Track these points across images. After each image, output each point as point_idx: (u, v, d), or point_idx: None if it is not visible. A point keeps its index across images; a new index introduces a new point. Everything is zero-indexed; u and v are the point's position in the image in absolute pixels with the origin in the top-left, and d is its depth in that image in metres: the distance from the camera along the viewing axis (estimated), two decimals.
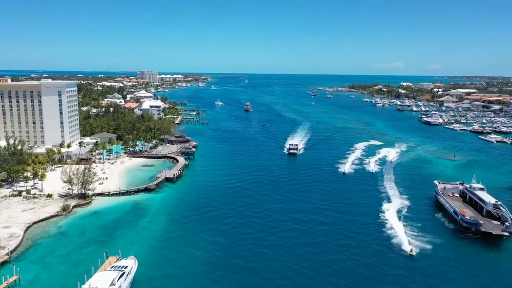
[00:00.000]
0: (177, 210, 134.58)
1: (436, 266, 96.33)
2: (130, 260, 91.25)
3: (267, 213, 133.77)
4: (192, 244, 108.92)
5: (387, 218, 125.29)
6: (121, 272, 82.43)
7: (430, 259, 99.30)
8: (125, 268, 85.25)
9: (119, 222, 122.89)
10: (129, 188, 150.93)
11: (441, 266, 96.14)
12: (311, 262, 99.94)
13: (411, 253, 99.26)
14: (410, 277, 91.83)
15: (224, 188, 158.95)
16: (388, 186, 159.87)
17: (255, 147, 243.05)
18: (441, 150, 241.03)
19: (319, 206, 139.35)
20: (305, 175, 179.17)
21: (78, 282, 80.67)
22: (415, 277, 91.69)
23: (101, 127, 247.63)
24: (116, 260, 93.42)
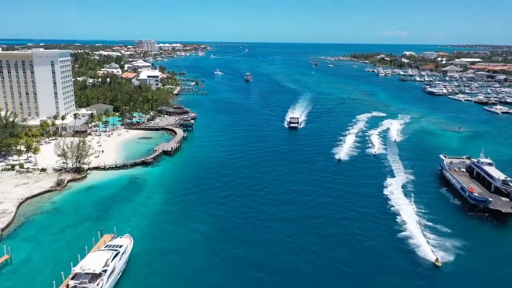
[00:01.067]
0: (175, 184, 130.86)
1: (443, 245, 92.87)
2: (125, 239, 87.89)
3: (267, 186, 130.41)
4: (190, 220, 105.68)
5: (390, 193, 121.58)
6: (116, 252, 79.11)
7: (436, 238, 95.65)
8: (119, 247, 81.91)
9: (115, 197, 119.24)
10: (126, 161, 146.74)
11: (448, 245, 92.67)
12: (313, 236, 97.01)
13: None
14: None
15: (223, 161, 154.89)
16: (392, 160, 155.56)
17: (255, 119, 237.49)
18: (446, 121, 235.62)
19: (320, 179, 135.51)
20: (306, 148, 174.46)
21: (71, 262, 77.34)
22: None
23: (97, 98, 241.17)
24: (111, 239, 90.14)
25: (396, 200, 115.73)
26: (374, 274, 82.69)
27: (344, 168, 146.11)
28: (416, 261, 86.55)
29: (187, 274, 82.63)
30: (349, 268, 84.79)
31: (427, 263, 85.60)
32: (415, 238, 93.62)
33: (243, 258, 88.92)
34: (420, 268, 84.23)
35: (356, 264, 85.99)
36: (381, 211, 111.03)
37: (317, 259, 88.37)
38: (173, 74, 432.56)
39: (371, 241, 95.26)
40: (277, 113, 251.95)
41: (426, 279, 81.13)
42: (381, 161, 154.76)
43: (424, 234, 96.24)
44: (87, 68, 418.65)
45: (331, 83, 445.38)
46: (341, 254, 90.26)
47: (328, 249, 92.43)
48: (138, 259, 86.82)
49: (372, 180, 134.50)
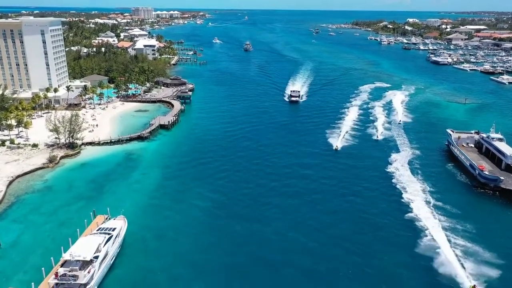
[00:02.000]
0: (172, 160, 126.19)
1: (453, 227, 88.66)
2: (119, 221, 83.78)
3: (268, 160, 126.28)
4: (187, 199, 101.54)
5: (396, 169, 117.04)
6: (108, 236, 75.03)
7: (445, 219, 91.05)
8: (112, 230, 77.83)
9: (109, 175, 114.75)
10: (121, 136, 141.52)
11: (458, 226, 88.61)
12: (315, 220, 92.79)
13: None
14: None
15: (222, 136, 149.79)
16: (396, 134, 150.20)
17: (255, 90, 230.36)
18: (451, 92, 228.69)
19: (322, 153, 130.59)
20: (308, 122, 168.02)
21: (62, 246, 73.32)
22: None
23: (91, 69, 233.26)
24: (104, 220, 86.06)
25: (402, 177, 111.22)
26: (379, 255, 79.17)
27: (347, 143, 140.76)
28: (424, 243, 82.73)
29: (184, 257, 79.12)
30: (354, 247, 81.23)
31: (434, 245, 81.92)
32: (422, 220, 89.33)
33: (244, 237, 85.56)
34: (429, 252, 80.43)
35: (360, 244, 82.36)
36: (386, 188, 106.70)
37: (321, 237, 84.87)
38: (171, 43, 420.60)
39: (376, 218, 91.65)
40: (277, 85, 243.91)
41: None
42: (385, 135, 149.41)
43: (434, 215, 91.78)
44: (82, 37, 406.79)
45: (333, 52, 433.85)
46: (345, 233, 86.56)
47: (331, 227, 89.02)
48: (133, 242, 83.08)
49: (377, 155, 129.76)
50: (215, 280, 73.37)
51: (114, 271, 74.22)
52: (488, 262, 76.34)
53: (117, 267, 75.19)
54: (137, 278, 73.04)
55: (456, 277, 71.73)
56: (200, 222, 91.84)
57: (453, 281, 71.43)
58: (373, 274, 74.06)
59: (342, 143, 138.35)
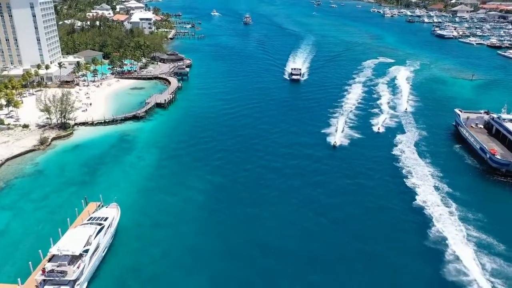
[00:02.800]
0: (169, 142, 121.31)
1: (464, 216, 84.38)
2: (111, 209, 79.70)
3: (268, 143, 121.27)
4: (185, 184, 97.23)
5: (401, 152, 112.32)
6: (100, 227, 71.02)
7: (455, 207, 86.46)
8: (104, 220, 73.78)
9: (103, 157, 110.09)
10: (115, 116, 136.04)
11: (468, 214, 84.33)
12: (318, 204, 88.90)
13: None
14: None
15: (220, 114, 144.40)
16: (401, 113, 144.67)
17: (255, 67, 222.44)
18: (457, 68, 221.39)
19: (325, 136, 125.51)
20: (310, 102, 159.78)
21: (51, 238, 69.51)
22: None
23: (85, 44, 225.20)
24: (96, 208, 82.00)
25: (408, 160, 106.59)
26: (384, 244, 75.43)
27: (352, 124, 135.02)
28: (432, 234, 78.80)
29: (181, 249, 75.26)
30: (358, 234, 77.47)
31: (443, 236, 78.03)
32: (430, 207, 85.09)
33: (245, 223, 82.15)
34: (437, 243, 76.52)
35: (364, 230, 78.59)
36: (391, 172, 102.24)
37: (323, 222, 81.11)
38: (168, 16, 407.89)
39: (381, 203, 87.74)
40: (277, 61, 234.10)
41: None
42: (390, 115, 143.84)
43: (442, 203, 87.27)
44: (77, 10, 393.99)
45: (335, 25, 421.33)
46: (348, 219, 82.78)
47: (333, 211, 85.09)
48: (127, 232, 79.16)
49: (381, 137, 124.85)
50: (215, 270, 69.91)
51: (106, 264, 70.51)
52: (502, 255, 72.10)
53: (110, 260, 71.46)
54: (131, 271, 69.45)
55: (467, 271, 67.72)
56: (198, 207, 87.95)
57: (464, 277, 67.23)
58: (377, 265, 70.51)
59: (345, 125, 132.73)
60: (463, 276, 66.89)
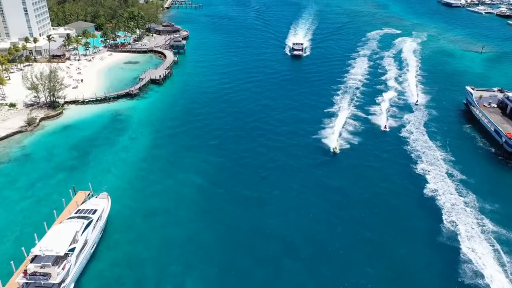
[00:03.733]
0: (163, 122, 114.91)
1: (482, 208, 78.62)
2: (101, 200, 74.35)
3: (269, 126, 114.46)
4: (180, 170, 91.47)
5: (409, 133, 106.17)
6: (88, 221, 65.76)
7: (470, 197, 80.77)
8: (93, 213, 68.48)
9: (94, 140, 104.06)
10: (108, 94, 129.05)
11: (485, 205, 78.72)
12: (321, 188, 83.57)
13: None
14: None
15: (218, 91, 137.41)
16: (408, 89, 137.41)
17: (255, 39, 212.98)
18: (466, 39, 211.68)
19: (330, 115, 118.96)
20: (313, 79, 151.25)
21: (35, 233, 64.40)
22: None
23: (76, 15, 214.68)
24: (85, 198, 76.67)
25: (417, 143, 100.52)
26: (392, 238, 70.58)
27: (357, 103, 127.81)
28: (445, 227, 73.76)
29: (178, 242, 70.39)
30: (364, 225, 72.44)
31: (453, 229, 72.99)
32: (441, 196, 79.69)
33: (244, 217, 76.39)
34: (450, 238, 71.57)
35: (370, 223, 73.60)
36: (399, 155, 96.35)
37: (327, 214, 75.89)
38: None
39: (388, 191, 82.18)
40: (278, 34, 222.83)
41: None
42: (396, 91, 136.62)
43: (455, 191, 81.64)
44: None
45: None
46: (354, 208, 77.53)
47: (339, 201, 79.72)
48: (118, 223, 74.23)
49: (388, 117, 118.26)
50: (215, 265, 65.38)
51: (96, 261, 65.74)
52: None
53: (99, 257, 66.63)
54: (121, 268, 64.73)
55: (483, 270, 62.73)
56: (195, 194, 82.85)
57: (480, 280, 62.06)
58: (384, 256, 65.81)
59: (351, 104, 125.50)
60: (479, 279, 61.92)
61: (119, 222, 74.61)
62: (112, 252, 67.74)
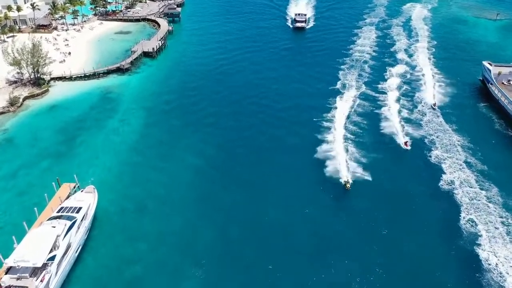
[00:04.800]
0: (157, 100, 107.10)
1: (501, 201, 71.87)
2: (87, 194, 68.15)
3: (269, 98, 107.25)
4: (175, 155, 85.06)
5: (423, 115, 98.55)
6: (71, 222, 59.73)
7: (492, 191, 73.50)
8: (77, 211, 62.34)
9: (82, 121, 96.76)
10: (97, 69, 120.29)
11: (505, 200, 71.90)
12: (326, 192, 77.18)
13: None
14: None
15: (216, 64, 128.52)
16: (417, 61, 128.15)
17: (254, 8, 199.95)
18: (479, 5, 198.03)
19: (337, 92, 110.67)
20: (317, 53, 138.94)
21: (14, 236, 58.49)
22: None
23: None
24: (69, 191, 70.40)
25: (430, 125, 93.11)
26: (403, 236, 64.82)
27: (367, 79, 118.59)
28: (465, 229, 67.59)
29: (172, 240, 64.85)
30: (373, 221, 66.70)
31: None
32: (459, 189, 73.04)
33: (243, 214, 70.23)
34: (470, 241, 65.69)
35: (381, 219, 67.76)
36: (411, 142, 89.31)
37: (332, 210, 70.08)
38: None
39: (399, 178, 75.98)
40: (278, 1, 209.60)
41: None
42: (405, 63, 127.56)
43: (479, 183, 74.37)
44: None
45: None
46: (363, 203, 71.54)
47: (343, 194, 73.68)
48: (106, 220, 68.38)
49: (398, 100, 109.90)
50: (213, 270, 59.98)
51: (81, 265, 60.27)
52: None
53: (84, 260, 61.06)
54: (111, 271, 59.38)
55: (506, 279, 56.90)
56: (190, 185, 76.49)
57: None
58: (392, 252, 60.37)
59: (358, 80, 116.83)
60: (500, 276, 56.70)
61: (108, 217, 68.84)
62: (100, 254, 62.19)
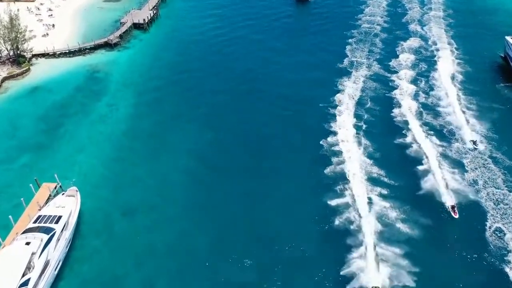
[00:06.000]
0: (148, 81, 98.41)
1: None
2: (68, 199, 61.43)
3: (270, 83, 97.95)
4: (167, 148, 77.83)
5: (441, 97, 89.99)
6: (49, 235, 53.23)
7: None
8: (56, 221, 55.71)
9: (66, 107, 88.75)
10: (83, 44, 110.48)
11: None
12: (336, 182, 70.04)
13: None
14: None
15: (212, 38, 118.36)
16: (432, 34, 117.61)
17: None
18: None
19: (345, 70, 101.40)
20: (323, 26, 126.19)
21: None
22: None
23: None
24: (50, 193, 63.71)
25: (449, 109, 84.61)
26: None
27: (377, 57, 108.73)
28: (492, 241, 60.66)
29: (163, 249, 58.83)
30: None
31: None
32: (483, 190, 65.70)
33: (244, 218, 63.58)
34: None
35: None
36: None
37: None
38: None
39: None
40: None
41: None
42: (419, 37, 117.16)
43: (506, 184, 66.59)
44: None
45: None
46: None
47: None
48: (90, 226, 62.07)
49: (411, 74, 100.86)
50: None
51: (61, 284, 54.28)
52: None
53: (65, 278, 54.98)
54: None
55: None
56: (183, 186, 69.58)
57: None
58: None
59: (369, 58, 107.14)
60: None
61: (92, 223, 62.51)
62: (83, 271, 55.89)
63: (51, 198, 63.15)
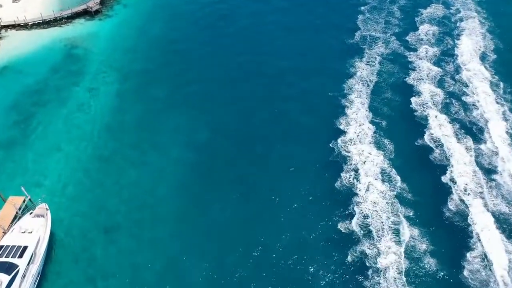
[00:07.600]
0: (133, 59, 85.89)
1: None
2: (37, 220, 52.35)
3: (273, 66, 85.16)
4: (157, 141, 68.20)
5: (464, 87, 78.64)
6: (10, 276, 44.75)
7: None
8: (20, 255, 46.98)
9: (40, 92, 77.62)
10: (59, 12, 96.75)
11: None
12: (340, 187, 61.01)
13: None
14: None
15: (207, 7, 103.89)
16: (462, 14, 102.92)
17: None
18: None
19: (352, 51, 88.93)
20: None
21: None
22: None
23: None
24: (16, 210, 54.50)
25: (477, 97, 73.80)
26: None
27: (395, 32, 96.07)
28: None
29: (151, 276, 50.87)
30: None
31: None
32: None
33: (243, 228, 55.68)
34: None
35: None
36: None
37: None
38: None
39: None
40: None
41: None
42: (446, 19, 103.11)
43: None
44: None
45: None
46: None
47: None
48: (65, 251, 53.44)
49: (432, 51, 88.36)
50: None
51: None
52: None
53: None
54: None
55: None
56: (173, 194, 60.35)
57: None
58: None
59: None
60: None
61: (68, 247, 53.98)
62: None
63: (19, 215, 54.07)
